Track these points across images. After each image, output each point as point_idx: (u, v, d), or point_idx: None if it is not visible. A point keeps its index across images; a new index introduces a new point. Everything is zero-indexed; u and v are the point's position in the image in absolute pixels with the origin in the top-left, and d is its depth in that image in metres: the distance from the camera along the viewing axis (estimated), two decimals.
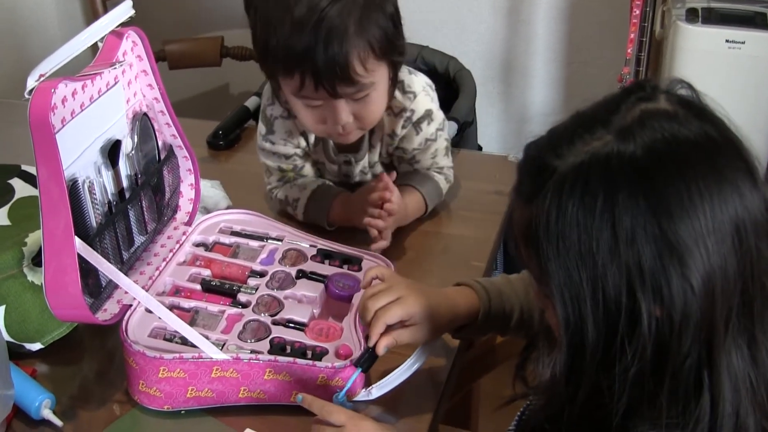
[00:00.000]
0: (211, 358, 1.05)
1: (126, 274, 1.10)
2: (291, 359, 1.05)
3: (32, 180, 1.31)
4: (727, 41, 1.98)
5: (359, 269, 1.23)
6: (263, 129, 1.41)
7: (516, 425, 1.02)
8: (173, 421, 1.08)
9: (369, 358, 1.05)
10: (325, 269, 1.22)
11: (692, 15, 2.02)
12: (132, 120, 1.19)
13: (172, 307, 1.13)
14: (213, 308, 1.15)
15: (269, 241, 1.27)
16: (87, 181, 1.07)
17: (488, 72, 2.52)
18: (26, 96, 0.94)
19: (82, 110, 1.05)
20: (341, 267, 1.23)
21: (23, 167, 1.36)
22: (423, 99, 1.37)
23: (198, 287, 1.19)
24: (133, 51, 1.17)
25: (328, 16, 1.17)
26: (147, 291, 1.12)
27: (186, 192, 1.31)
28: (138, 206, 1.19)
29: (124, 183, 1.15)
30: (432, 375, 1.14)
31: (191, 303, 1.16)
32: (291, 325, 1.12)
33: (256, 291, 1.17)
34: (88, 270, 1.06)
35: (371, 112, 1.28)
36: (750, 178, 0.76)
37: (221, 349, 1.06)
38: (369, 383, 1.07)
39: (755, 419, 0.77)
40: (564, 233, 0.74)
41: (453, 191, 1.46)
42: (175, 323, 1.06)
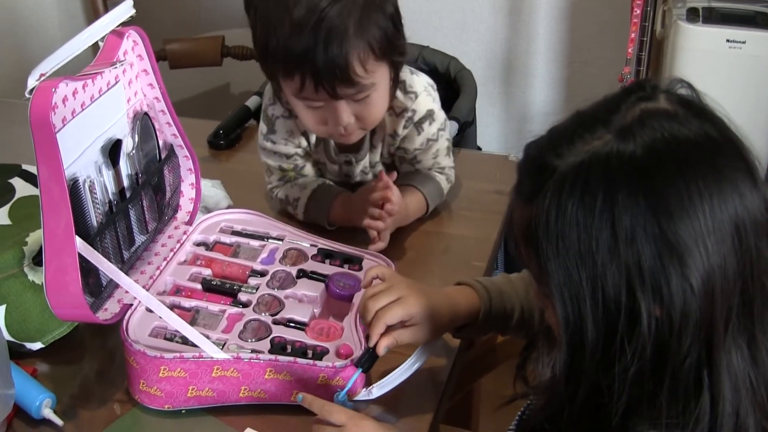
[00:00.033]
0: (212, 358, 1.05)
1: (127, 274, 1.10)
2: (292, 359, 1.05)
3: (33, 179, 1.31)
4: (728, 41, 1.98)
5: (360, 269, 1.23)
6: (264, 128, 1.41)
7: (516, 425, 1.02)
8: (174, 421, 1.08)
9: (369, 359, 1.05)
10: (326, 269, 1.22)
11: (693, 15, 2.02)
12: (133, 119, 1.19)
13: (173, 307, 1.13)
14: (214, 308, 1.15)
15: (270, 241, 1.28)
16: (88, 181, 1.07)
17: (489, 72, 2.52)
18: (27, 95, 0.94)
19: (83, 109, 1.05)
20: (342, 266, 1.23)
21: (24, 166, 1.36)
22: (425, 99, 1.37)
23: (199, 287, 1.19)
24: (134, 50, 1.17)
25: (328, 17, 1.16)
26: (148, 290, 1.12)
27: (187, 191, 1.31)
28: (139, 206, 1.19)
29: (125, 182, 1.15)
30: (433, 374, 1.14)
31: (192, 302, 1.16)
32: (292, 325, 1.12)
33: (257, 290, 1.17)
34: (89, 269, 1.06)
35: (372, 113, 1.28)
36: (750, 178, 0.75)
37: (222, 349, 1.07)
38: (369, 383, 1.07)
39: (755, 419, 0.77)
40: (564, 233, 0.74)
41: (454, 191, 1.46)
42: (176, 323, 1.06)
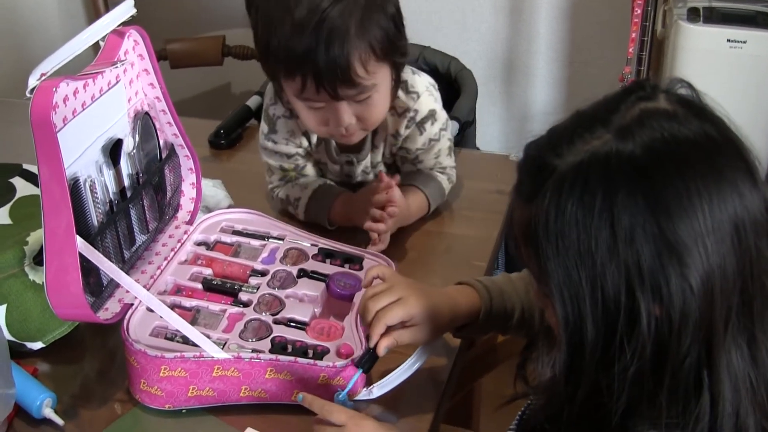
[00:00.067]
0: (213, 357, 1.05)
1: (127, 273, 1.10)
2: (292, 358, 1.05)
3: (34, 179, 1.32)
4: (729, 41, 1.98)
5: (360, 268, 1.23)
6: (265, 128, 1.41)
7: (517, 424, 1.02)
8: (174, 420, 1.08)
9: (370, 359, 1.05)
10: (327, 268, 1.22)
11: (693, 14, 2.02)
12: (133, 119, 1.19)
13: (174, 306, 1.13)
14: (214, 307, 1.15)
15: (270, 241, 1.28)
16: (88, 180, 1.07)
17: (490, 72, 2.52)
18: (28, 95, 0.94)
19: (84, 109, 1.05)
20: (342, 266, 1.23)
21: (25, 166, 1.36)
22: (426, 99, 1.37)
23: (199, 286, 1.19)
24: (135, 50, 1.17)
25: (329, 17, 1.16)
26: (148, 290, 1.12)
27: (187, 191, 1.31)
28: (139, 205, 1.19)
29: (126, 182, 1.15)
30: (433, 374, 1.14)
31: (192, 302, 1.16)
32: (292, 324, 1.12)
33: (258, 290, 1.17)
34: (90, 269, 1.06)
35: (374, 114, 1.28)
36: (750, 178, 0.75)
37: (222, 348, 1.07)
38: (370, 382, 1.07)
39: (755, 419, 0.77)
40: (563, 232, 0.74)
41: (455, 191, 1.46)
42: (177, 322, 1.06)
